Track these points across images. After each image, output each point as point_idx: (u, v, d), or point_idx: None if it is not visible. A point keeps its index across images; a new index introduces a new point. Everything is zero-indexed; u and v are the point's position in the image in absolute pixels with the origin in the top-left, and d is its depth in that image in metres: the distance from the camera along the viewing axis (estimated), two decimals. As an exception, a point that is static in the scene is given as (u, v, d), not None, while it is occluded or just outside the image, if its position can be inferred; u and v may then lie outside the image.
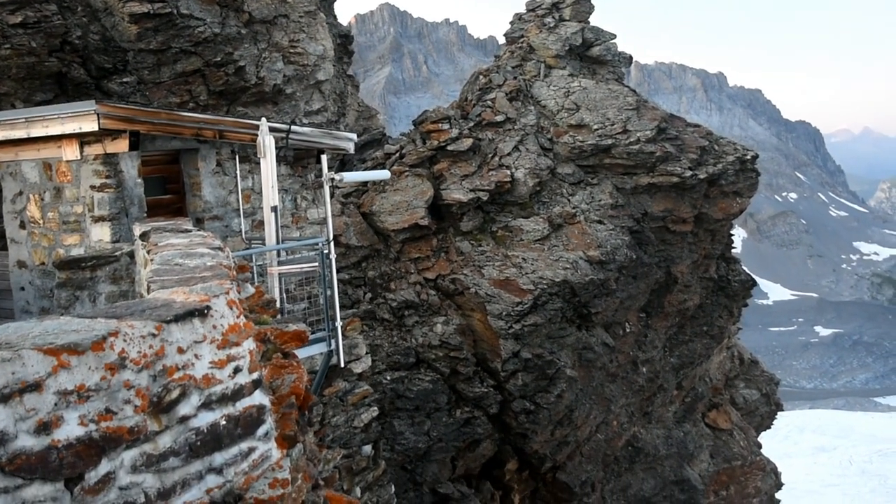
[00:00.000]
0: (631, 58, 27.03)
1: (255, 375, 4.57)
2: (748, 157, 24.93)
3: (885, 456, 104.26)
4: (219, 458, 4.23)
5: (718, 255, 26.67)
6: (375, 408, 17.28)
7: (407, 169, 23.66)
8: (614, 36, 26.83)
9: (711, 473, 28.67)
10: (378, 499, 17.12)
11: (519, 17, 27.66)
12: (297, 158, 15.72)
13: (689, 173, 23.63)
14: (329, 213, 14.43)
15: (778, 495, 33.38)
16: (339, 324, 13.28)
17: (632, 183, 24.07)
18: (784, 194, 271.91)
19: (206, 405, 4.19)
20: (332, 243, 13.60)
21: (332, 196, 16.46)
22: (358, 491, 16.32)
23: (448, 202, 23.29)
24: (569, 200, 23.87)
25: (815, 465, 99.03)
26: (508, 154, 23.86)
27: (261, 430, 4.54)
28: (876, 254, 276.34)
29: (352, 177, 16.28)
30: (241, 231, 14.22)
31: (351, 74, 24.33)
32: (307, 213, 16.03)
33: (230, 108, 17.97)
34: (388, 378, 21.62)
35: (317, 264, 13.12)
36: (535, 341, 22.11)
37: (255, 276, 12.41)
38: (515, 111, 24.66)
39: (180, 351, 4.05)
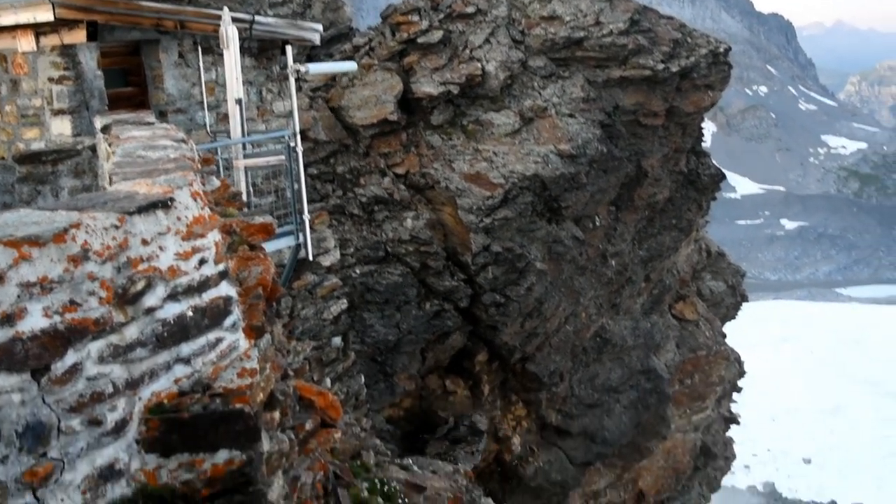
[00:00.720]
0: None
1: (221, 267, 4.60)
2: (721, 49, 24.54)
3: (844, 345, 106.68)
4: (186, 348, 4.29)
5: (689, 148, 26.50)
6: (344, 300, 17.53)
7: (376, 63, 23.16)
8: None
9: (677, 363, 29.15)
10: (348, 389, 17.40)
11: None
12: (261, 50, 15.36)
13: (661, 66, 23.24)
14: (295, 106, 14.50)
15: (741, 383, 34.17)
16: (306, 217, 13.39)
17: (603, 76, 23.64)
18: (754, 87, 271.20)
19: (172, 296, 4.21)
20: (298, 136, 13.67)
21: (298, 89, 16.31)
22: (328, 381, 16.51)
23: (418, 96, 22.90)
24: (540, 94, 23.49)
25: (777, 354, 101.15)
26: (479, 47, 23.35)
27: (228, 321, 4.60)
28: (843, 147, 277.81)
29: (318, 68, 16.27)
30: (205, 124, 14.07)
31: None
32: (273, 106, 15.72)
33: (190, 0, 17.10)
34: (358, 272, 21.59)
35: (283, 157, 13.06)
36: (506, 235, 22.11)
37: (221, 169, 12.25)
38: (486, 2, 24.06)
39: (144, 243, 4.06)
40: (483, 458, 23.88)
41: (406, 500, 10.31)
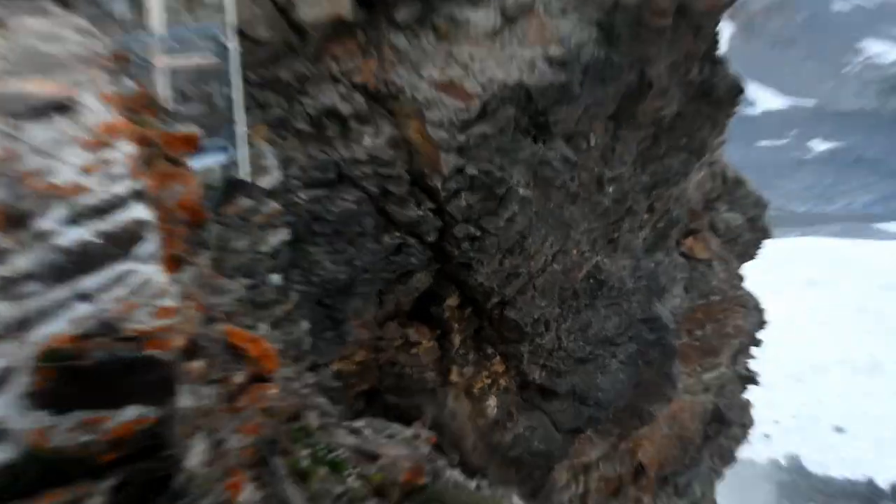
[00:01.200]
0: None
1: (134, 184, 4.50)
2: None
3: (884, 290, 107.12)
4: (89, 282, 4.18)
5: (702, 55, 26.06)
6: (286, 230, 17.29)
7: None
8: None
9: (685, 310, 29.48)
10: (288, 337, 17.27)
11: None
12: None
13: None
14: None
15: (760, 335, 34.41)
16: (241, 130, 13.51)
17: None
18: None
19: (73, 219, 4.11)
20: (233, 33, 13.68)
21: None
22: (264, 326, 16.17)
23: None
24: None
25: (804, 300, 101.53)
26: None
27: (142, 250, 4.49)
28: (885, 55, 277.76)
29: None
30: (118, 15, 13.42)
31: None
32: None
33: None
34: (304, 197, 21.25)
35: (214, 58, 13.05)
36: (483, 155, 21.99)
37: (140, 70, 12.03)
38: None
39: (38, 153, 3.98)
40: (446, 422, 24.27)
41: (356, 470, 10.20)
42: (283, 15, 21.65)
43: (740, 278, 32.35)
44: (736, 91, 27.70)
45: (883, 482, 63.54)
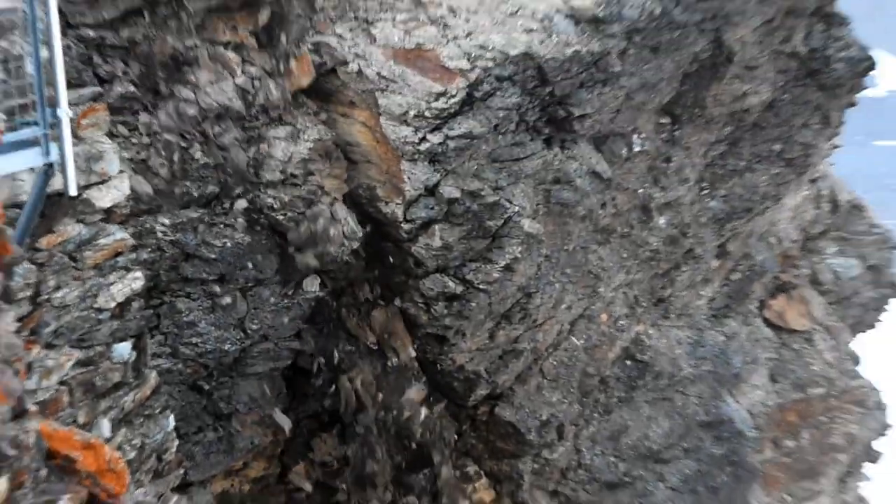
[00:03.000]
0: None
1: None
2: None
3: None
4: None
5: (811, 12, 25.96)
6: (139, 274, 17.14)
7: None
8: None
9: (772, 409, 29.24)
10: (144, 438, 17.04)
11: None
12: None
13: None
14: None
15: (880, 445, 34.28)
16: (65, 113, 12.96)
17: None
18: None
19: None
20: None
21: None
22: (105, 424, 16.15)
23: None
24: None
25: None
26: None
27: None
28: None
29: None
30: None
31: None
32: None
33: None
34: (168, 223, 20.44)
35: (20, 3, 12.85)
36: (469, 167, 21.71)
37: None
38: None
39: None
40: None
41: None
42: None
43: (856, 360, 32.17)
44: (863, 68, 27.32)
45: None
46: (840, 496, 32.75)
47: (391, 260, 22.56)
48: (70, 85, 13.96)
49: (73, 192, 13.61)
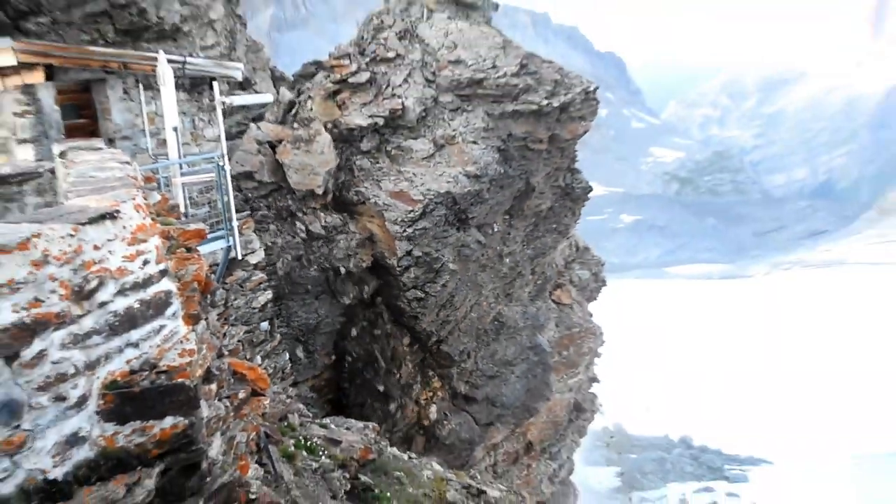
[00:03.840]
0: (497, 5, 26.07)
1: (161, 266, 4.70)
2: (591, 88, 24.54)
3: (670, 312, 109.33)
4: (135, 334, 4.40)
5: (566, 167, 26.42)
6: (270, 292, 17.53)
7: (316, 130, 22.42)
8: None
9: (557, 339, 29.34)
10: (275, 364, 17.70)
11: None
12: (193, 86, 15.52)
13: (545, 102, 23.22)
14: (222, 132, 14.45)
15: (601, 349, 34.68)
16: (235, 224, 13.33)
17: (499, 109, 23.46)
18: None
19: (121, 292, 4.32)
20: (226, 157, 13.56)
21: (225, 118, 16.11)
22: (258, 359, 16.79)
23: (350, 127, 22.47)
24: (449, 124, 23.24)
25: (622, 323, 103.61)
26: (399, 85, 23.02)
27: (169, 311, 4.72)
28: (665, 156, 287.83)
29: (239, 100, 16.54)
30: (147, 148, 14.04)
31: (239, 14, 23.46)
32: (204, 132, 15.85)
33: (134, 45, 17.18)
34: (282, 267, 21.00)
35: (214, 174, 13.11)
36: (424, 242, 21.84)
37: (162, 185, 12.31)
38: (404, 48, 23.63)
39: (96, 248, 4.16)
40: (407, 422, 23.88)
41: (325, 451, 10.51)
42: (281, 169, 21.51)
43: (590, 314, 32.40)
44: (588, 190, 27.93)
45: (674, 437, 64.57)
46: (586, 373, 32.66)
47: (391, 284, 22.50)
48: (237, 210, 14.26)
49: (239, 257, 14.01)
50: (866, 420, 61.61)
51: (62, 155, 9.23)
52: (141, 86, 14.10)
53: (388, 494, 10.46)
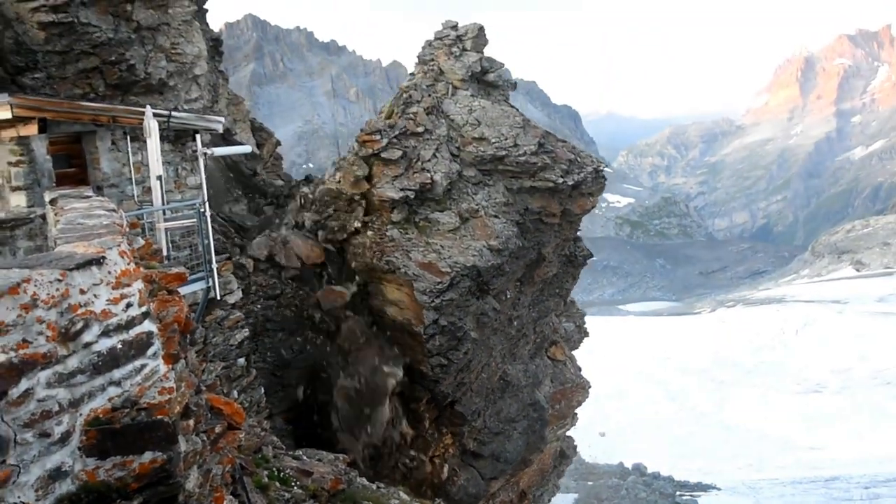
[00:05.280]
0: (515, 84, 26.06)
1: (144, 309, 4.63)
2: (600, 167, 24.71)
3: (624, 346, 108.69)
4: (117, 373, 4.35)
5: (572, 238, 26.37)
6: (246, 329, 17.19)
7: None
8: (503, 64, 25.94)
9: (551, 394, 28.33)
10: (251, 398, 17.33)
11: (429, 44, 26.17)
12: (177, 137, 15.58)
13: (560, 180, 23.10)
14: (203, 180, 14.94)
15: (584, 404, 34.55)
16: (214, 266, 13.57)
17: (518, 185, 23.28)
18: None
19: (105, 333, 4.27)
20: (206, 203, 13.79)
21: (205, 166, 16.09)
22: (235, 393, 16.41)
23: (383, 199, 22.05)
24: (473, 198, 22.90)
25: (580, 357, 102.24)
26: (428, 160, 22.66)
27: (150, 351, 4.65)
28: (618, 202, 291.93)
29: (220, 151, 17.08)
30: (133, 195, 14.01)
31: (222, 70, 23.49)
32: (187, 181, 15.82)
33: (124, 98, 17.52)
34: (260, 308, 21.31)
35: (195, 220, 13.28)
36: (449, 311, 21.30)
37: (146, 230, 12.40)
38: (431, 123, 23.27)
39: (82, 292, 4.14)
40: (421, 479, 23.41)
41: (298, 482, 10.32)
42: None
43: (579, 369, 31.76)
44: (588, 257, 27.77)
45: (628, 464, 64.12)
46: (572, 423, 32.58)
47: (417, 349, 22.08)
48: (216, 253, 14.43)
49: (218, 297, 14.20)
50: (805, 447, 62.05)
51: (53, 202, 9.17)
52: (128, 137, 14.03)
53: None
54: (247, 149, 19.19)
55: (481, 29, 25.94)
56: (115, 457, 4.24)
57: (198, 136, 15.02)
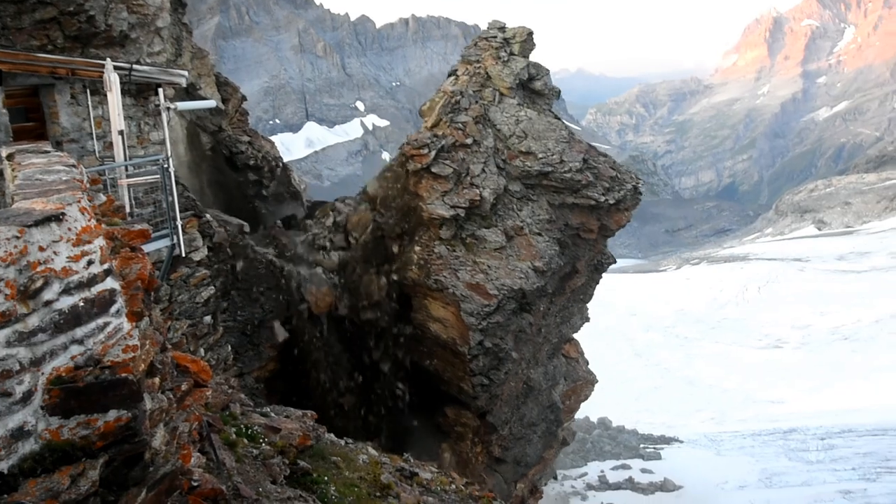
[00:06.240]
0: (559, 92, 25.35)
1: (105, 266, 4.49)
2: (638, 185, 24.42)
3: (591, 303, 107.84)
4: (80, 331, 4.24)
5: (604, 249, 26.12)
6: (213, 287, 16.73)
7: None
8: (548, 71, 25.19)
9: (564, 391, 28.85)
10: (218, 356, 17.34)
11: (475, 43, 25.39)
12: (139, 91, 15.11)
13: (603, 198, 22.92)
14: (167, 136, 14.48)
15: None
16: (179, 223, 13.11)
17: (560, 200, 23.00)
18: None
19: (66, 291, 4.16)
20: (170, 159, 13.20)
21: (168, 121, 15.55)
22: (202, 351, 16.22)
23: (433, 216, 21.91)
24: (518, 214, 22.61)
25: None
26: (478, 175, 22.40)
27: (113, 309, 4.53)
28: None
29: (184, 105, 16.60)
30: (94, 151, 13.50)
31: (185, 23, 22.64)
32: (150, 136, 15.35)
33: (84, 51, 16.22)
34: (229, 266, 20.76)
35: (159, 176, 12.79)
36: (494, 333, 21.29)
37: (108, 187, 11.85)
38: (479, 133, 22.82)
39: (41, 249, 4.03)
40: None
41: (266, 439, 10.17)
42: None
43: (587, 362, 32.37)
44: (612, 262, 27.66)
45: (594, 418, 64.97)
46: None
47: (458, 367, 22.30)
48: (181, 210, 14.09)
49: (183, 254, 13.72)
50: (765, 400, 63.43)
51: (10, 158, 8.49)
52: (88, 91, 13.31)
53: (326, 478, 9.93)
54: (211, 103, 18.64)
55: (530, 34, 25.11)
56: (79, 415, 4.16)
57: (160, 91, 14.24)
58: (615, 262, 27.69)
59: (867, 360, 64.65)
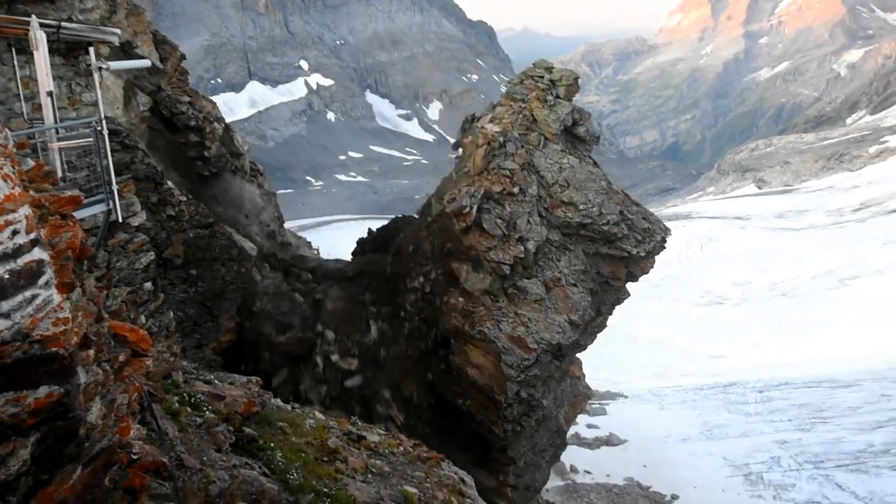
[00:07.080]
0: (599, 137, 25.09)
1: (32, 236, 4.34)
2: (666, 237, 24.69)
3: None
4: (6, 305, 4.08)
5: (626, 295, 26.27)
6: (152, 253, 16.34)
7: None
8: (590, 115, 24.73)
9: (568, 410, 29.53)
10: (160, 323, 16.75)
11: (521, 81, 24.62)
12: (69, 50, 14.29)
13: (635, 251, 23.19)
14: (100, 97, 13.84)
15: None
16: (115, 187, 12.71)
17: (594, 249, 23.17)
18: (469, 76, 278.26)
19: None
20: (104, 121, 12.61)
21: (101, 81, 14.79)
22: (143, 319, 15.76)
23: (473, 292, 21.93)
24: (556, 265, 22.68)
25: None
26: (524, 228, 22.39)
27: (41, 280, 4.38)
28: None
29: (117, 65, 16.11)
30: (22, 113, 12.77)
31: None
32: (82, 97, 14.60)
33: (10, 7, 15.38)
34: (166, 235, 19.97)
35: (92, 139, 12.31)
36: (531, 383, 21.53)
37: (38, 151, 11.43)
38: (524, 181, 22.65)
39: None
40: None
41: (209, 406, 9.92)
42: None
43: (584, 376, 32.84)
44: (626, 297, 27.36)
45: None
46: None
47: (491, 411, 22.09)
48: (116, 173, 13.74)
49: (119, 219, 13.48)
50: (707, 355, 65.05)
51: None
52: (14, 49, 12.52)
53: (272, 445, 9.97)
54: (146, 63, 17.94)
55: (576, 78, 24.46)
56: (8, 393, 4.06)
57: (91, 50, 13.53)
58: (629, 295, 27.51)
59: (804, 315, 66.79)
